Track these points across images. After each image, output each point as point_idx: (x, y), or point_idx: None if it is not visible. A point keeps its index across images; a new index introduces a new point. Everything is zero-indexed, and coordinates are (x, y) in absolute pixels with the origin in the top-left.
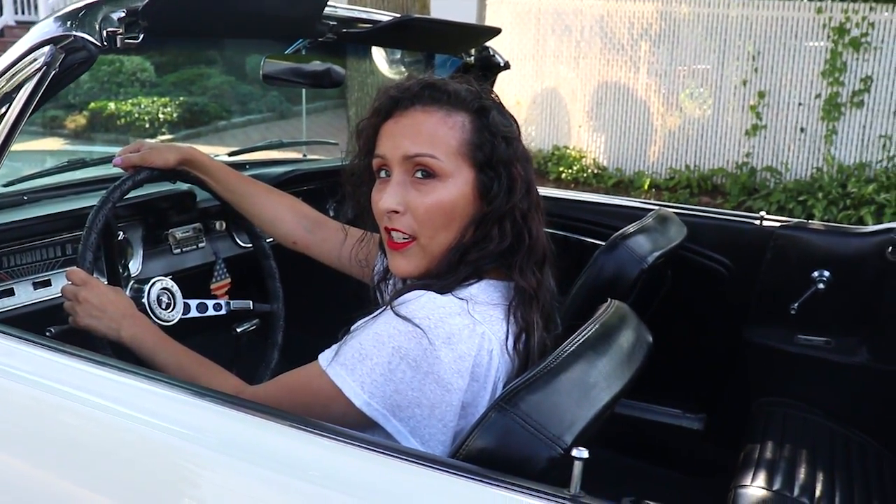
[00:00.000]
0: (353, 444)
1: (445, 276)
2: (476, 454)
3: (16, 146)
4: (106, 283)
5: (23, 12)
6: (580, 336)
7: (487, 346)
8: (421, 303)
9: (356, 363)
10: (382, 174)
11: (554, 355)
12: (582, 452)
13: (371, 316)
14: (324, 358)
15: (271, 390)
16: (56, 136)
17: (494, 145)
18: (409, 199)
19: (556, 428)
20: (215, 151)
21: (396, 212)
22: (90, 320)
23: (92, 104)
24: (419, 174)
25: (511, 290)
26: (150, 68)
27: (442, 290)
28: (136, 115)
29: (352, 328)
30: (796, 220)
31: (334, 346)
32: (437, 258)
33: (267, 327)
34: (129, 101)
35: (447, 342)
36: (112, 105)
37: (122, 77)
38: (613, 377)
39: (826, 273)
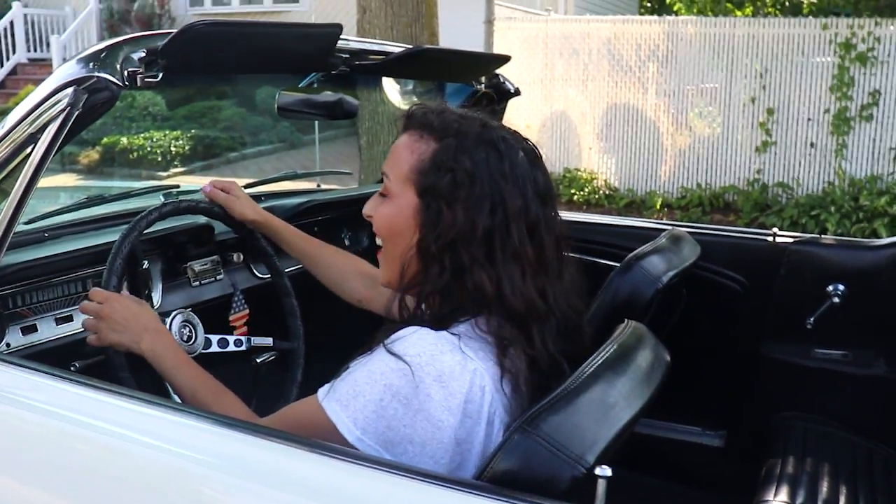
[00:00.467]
0: (379, 469)
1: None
2: (500, 476)
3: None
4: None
5: (35, 50)
6: (599, 357)
7: (479, 383)
8: (413, 340)
9: (350, 399)
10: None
11: (574, 377)
12: (605, 471)
13: (367, 352)
14: (321, 392)
15: (276, 421)
16: (70, 172)
17: (438, 177)
18: (373, 209)
19: (578, 448)
20: None
21: (370, 216)
22: (113, 335)
23: (105, 139)
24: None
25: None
26: (162, 102)
27: (436, 326)
28: (149, 149)
29: (350, 364)
30: (809, 235)
31: (332, 381)
32: (393, 268)
33: (286, 361)
34: (142, 135)
35: (438, 380)
36: (124, 140)
37: (134, 112)
38: (633, 396)
39: (841, 287)
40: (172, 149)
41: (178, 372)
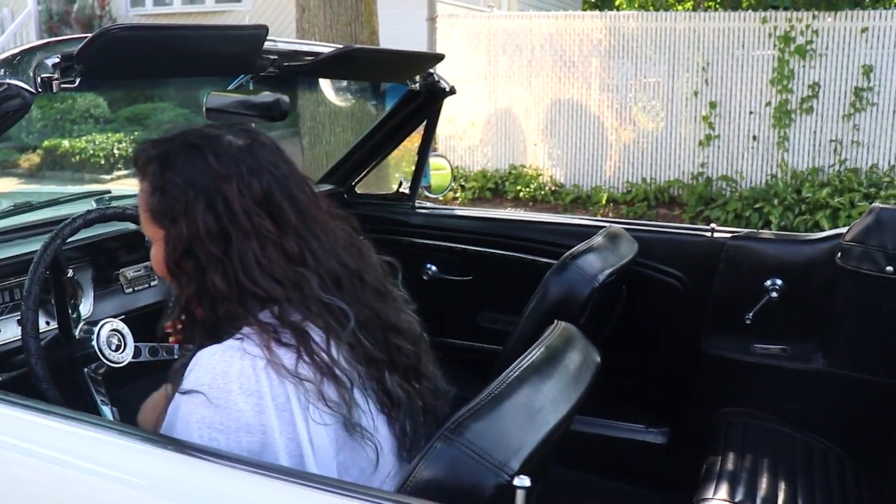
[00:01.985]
0: (293, 482)
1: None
2: (423, 485)
3: None
4: (55, 324)
5: None
6: (525, 360)
7: (276, 375)
8: (202, 366)
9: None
10: None
11: (498, 381)
12: (523, 481)
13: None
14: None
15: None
16: (9, 175)
17: (157, 201)
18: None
19: (502, 454)
20: None
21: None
22: None
23: (46, 142)
24: None
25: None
26: (104, 104)
27: (218, 338)
28: (91, 152)
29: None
30: (747, 230)
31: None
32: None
33: None
34: (83, 137)
35: (240, 392)
36: (66, 142)
37: (75, 114)
38: (560, 400)
39: (779, 281)
40: (115, 151)
41: None
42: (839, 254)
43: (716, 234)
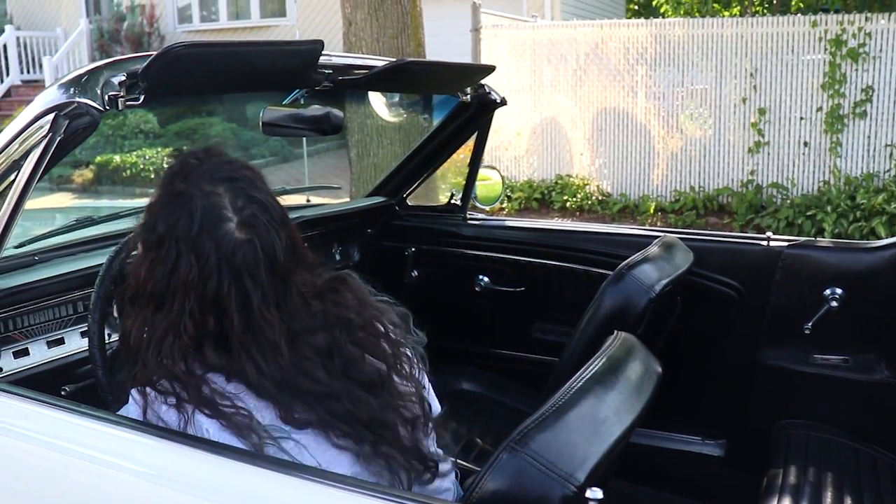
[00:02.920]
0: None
1: None
2: (489, 496)
3: (26, 204)
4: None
5: (28, 71)
6: (587, 371)
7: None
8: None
9: None
10: None
11: (562, 392)
12: (596, 493)
13: None
14: None
15: None
16: (64, 191)
17: None
18: None
19: (568, 465)
20: None
21: None
22: None
23: (97, 158)
24: None
25: None
26: (153, 120)
27: None
28: (141, 167)
29: None
30: (804, 238)
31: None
32: None
33: None
34: (134, 153)
35: None
36: (117, 158)
37: (126, 130)
38: (623, 410)
39: (838, 290)
40: (165, 165)
41: None
42: None
43: (772, 243)
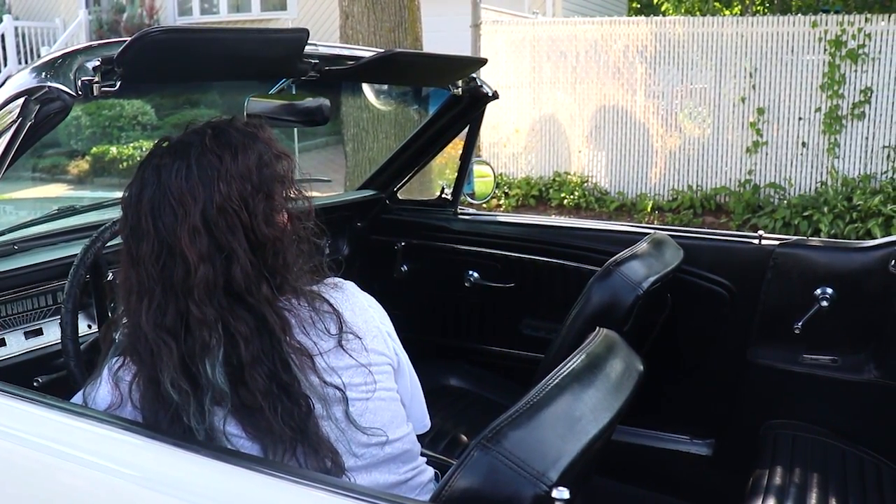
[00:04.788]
0: (329, 490)
1: None
2: (459, 494)
3: (18, 193)
4: (95, 326)
5: (26, 61)
6: (565, 368)
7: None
8: None
9: None
10: None
11: (537, 389)
12: (562, 493)
13: None
14: None
15: None
16: (59, 182)
17: None
18: None
19: (541, 464)
20: None
21: None
22: None
23: (94, 149)
24: None
25: None
26: (151, 111)
27: None
28: (138, 158)
29: None
30: (796, 237)
31: None
32: None
33: None
34: (131, 144)
35: None
36: (114, 149)
37: (123, 121)
38: (601, 409)
39: (829, 290)
40: None
41: None
42: (893, 262)
43: (763, 242)
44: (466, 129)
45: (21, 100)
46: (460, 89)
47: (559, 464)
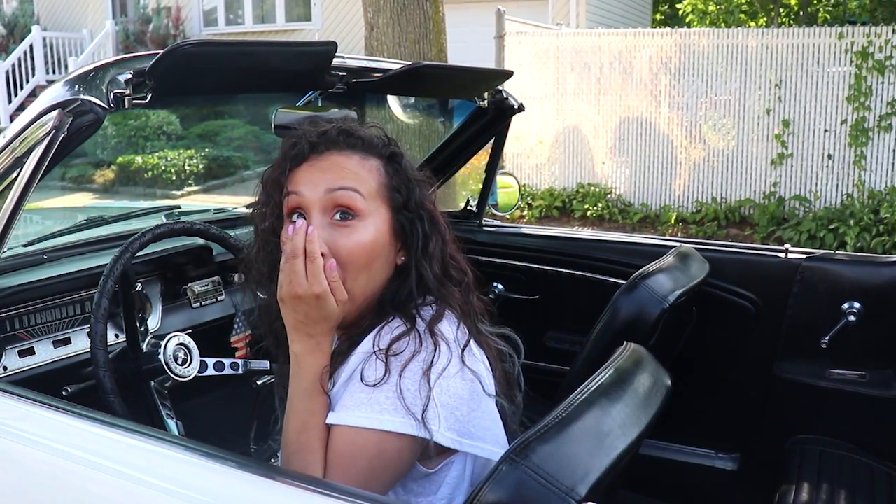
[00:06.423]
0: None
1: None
2: None
3: (45, 203)
4: (124, 337)
5: (54, 72)
6: (593, 382)
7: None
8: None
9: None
10: (295, 217)
11: (566, 403)
12: None
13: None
14: (366, 418)
15: (344, 471)
16: (85, 191)
17: (410, 189)
18: (331, 240)
19: (569, 479)
20: (239, 201)
21: (334, 252)
22: (298, 304)
23: (120, 158)
24: (338, 216)
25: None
26: (176, 122)
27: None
28: (163, 168)
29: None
30: (823, 251)
31: (349, 404)
32: (356, 304)
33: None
34: (156, 154)
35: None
36: (139, 159)
37: (149, 131)
38: (629, 424)
39: (857, 305)
40: (187, 167)
41: (306, 397)
42: None
43: (790, 255)
44: (492, 141)
45: (55, 112)
46: (486, 101)
47: (588, 479)
